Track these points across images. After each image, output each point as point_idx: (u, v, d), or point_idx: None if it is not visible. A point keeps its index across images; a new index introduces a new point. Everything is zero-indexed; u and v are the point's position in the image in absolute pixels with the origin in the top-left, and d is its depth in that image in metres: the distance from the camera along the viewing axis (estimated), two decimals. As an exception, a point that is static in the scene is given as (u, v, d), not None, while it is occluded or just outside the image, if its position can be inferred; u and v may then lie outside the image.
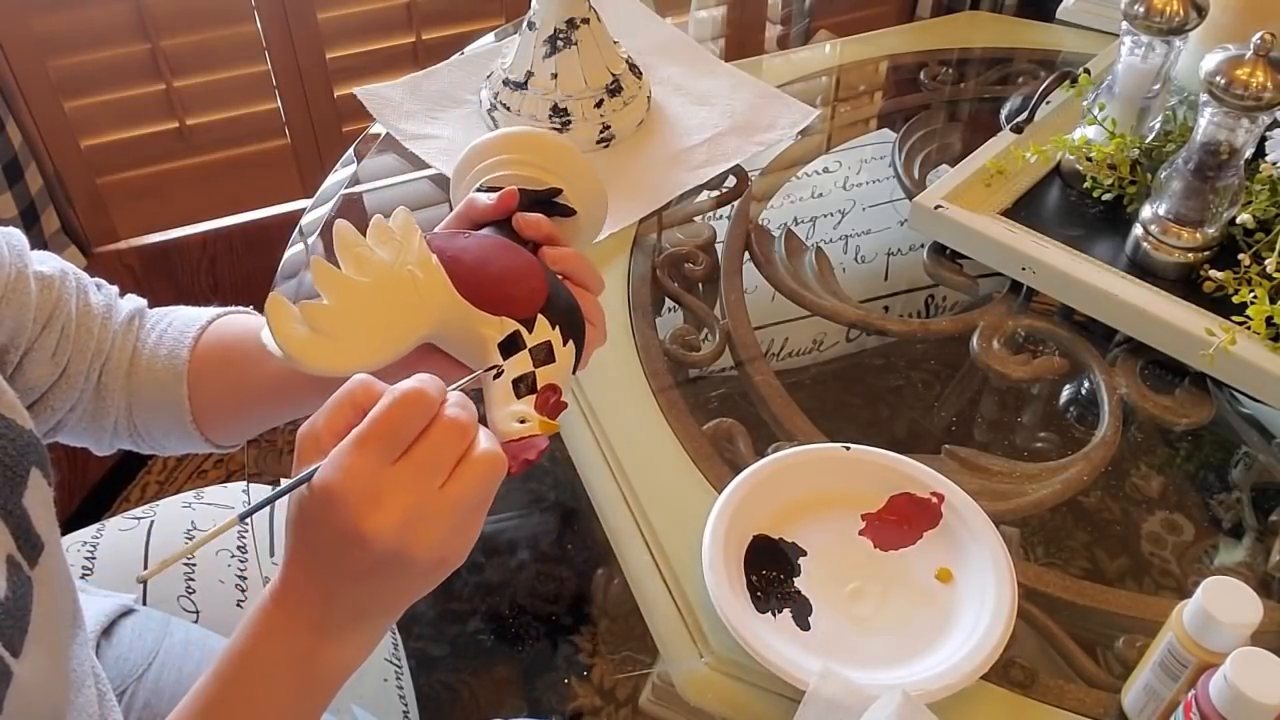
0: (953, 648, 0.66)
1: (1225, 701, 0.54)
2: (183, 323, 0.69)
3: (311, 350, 0.52)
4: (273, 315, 0.52)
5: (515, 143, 0.65)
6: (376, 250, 0.55)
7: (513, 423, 0.55)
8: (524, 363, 0.56)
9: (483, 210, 0.62)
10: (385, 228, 0.56)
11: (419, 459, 0.46)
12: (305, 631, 0.49)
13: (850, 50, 1.24)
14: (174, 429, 0.69)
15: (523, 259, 0.59)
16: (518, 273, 0.58)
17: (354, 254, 0.54)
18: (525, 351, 0.56)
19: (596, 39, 1.04)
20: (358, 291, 0.53)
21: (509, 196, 0.62)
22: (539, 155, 0.64)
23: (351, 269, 0.54)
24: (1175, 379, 0.85)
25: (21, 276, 0.62)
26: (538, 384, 0.56)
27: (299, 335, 0.52)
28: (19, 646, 0.52)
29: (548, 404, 0.56)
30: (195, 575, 0.86)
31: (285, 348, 0.52)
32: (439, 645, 0.72)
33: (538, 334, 0.57)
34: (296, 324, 0.52)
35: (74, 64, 1.45)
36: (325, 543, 0.46)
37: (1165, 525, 0.77)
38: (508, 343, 0.56)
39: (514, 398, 0.56)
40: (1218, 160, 0.84)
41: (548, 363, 0.57)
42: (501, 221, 0.62)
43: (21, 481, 0.54)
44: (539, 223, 0.62)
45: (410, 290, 0.55)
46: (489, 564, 0.75)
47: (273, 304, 0.52)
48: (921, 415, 0.86)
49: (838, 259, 0.98)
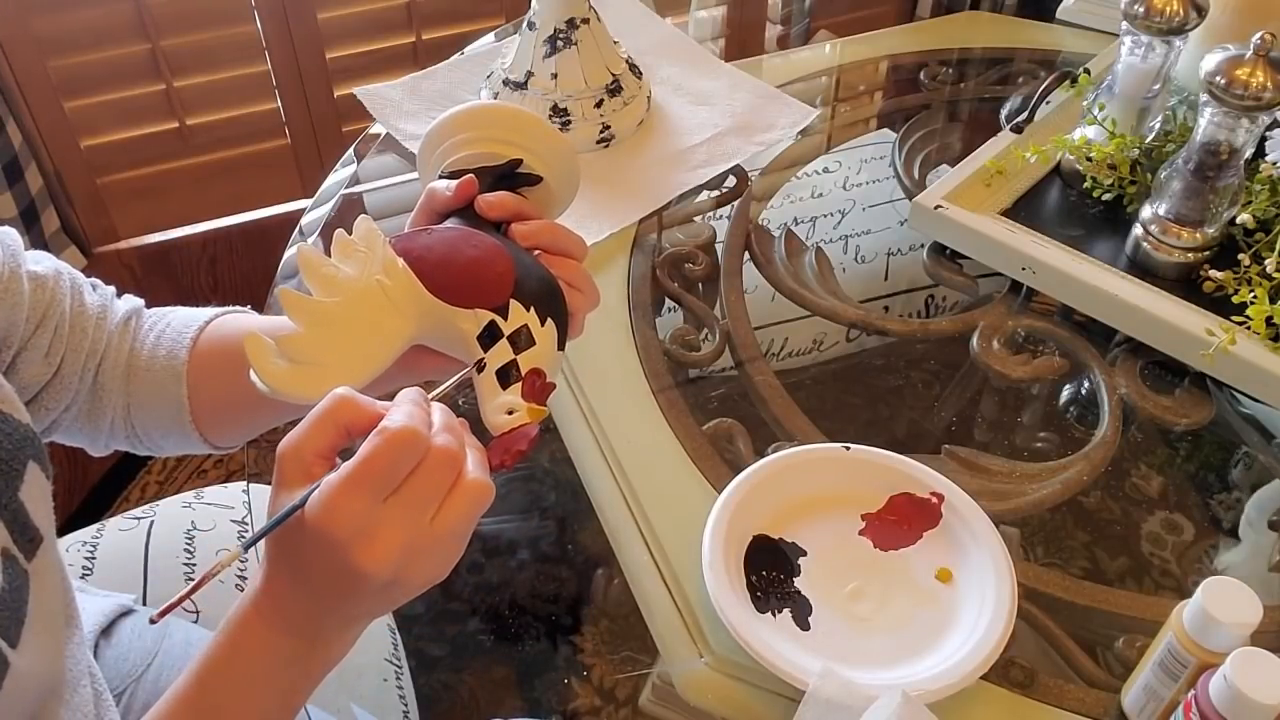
0: (953, 648, 0.66)
1: (1225, 701, 0.54)
2: (181, 323, 0.69)
3: (296, 381, 0.52)
4: (252, 354, 0.52)
5: (468, 119, 0.64)
6: (342, 267, 0.55)
7: (501, 415, 0.55)
8: (504, 352, 0.56)
9: (444, 201, 0.61)
10: (348, 242, 0.56)
11: (411, 496, 0.46)
12: (290, 638, 0.49)
13: (850, 50, 1.24)
14: (173, 430, 0.69)
15: (485, 246, 0.58)
16: (482, 262, 0.57)
17: (320, 276, 0.54)
18: (504, 340, 0.56)
19: (596, 39, 1.04)
20: (329, 314, 0.53)
21: (467, 184, 0.61)
22: (494, 128, 0.63)
23: (321, 291, 0.54)
24: (1175, 379, 0.85)
25: (14, 275, 0.62)
26: (521, 370, 0.56)
27: (281, 370, 0.52)
28: (16, 638, 0.52)
29: (534, 389, 0.56)
30: (195, 575, 0.86)
31: (270, 384, 0.52)
32: (439, 645, 0.72)
33: (513, 320, 0.56)
34: (275, 359, 0.52)
35: (74, 64, 1.45)
36: (318, 572, 0.47)
37: (1165, 525, 0.77)
38: (486, 334, 0.56)
39: (500, 389, 0.56)
40: (1218, 160, 0.84)
41: (528, 347, 0.56)
42: (466, 208, 0.61)
43: (18, 476, 0.54)
44: (502, 202, 0.61)
45: (382, 300, 0.55)
46: (489, 564, 0.75)
47: (250, 343, 0.52)
48: (921, 415, 0.86)
49: (838, 259, 0.98)
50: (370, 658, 0.75)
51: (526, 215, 0.62)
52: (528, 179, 0.64)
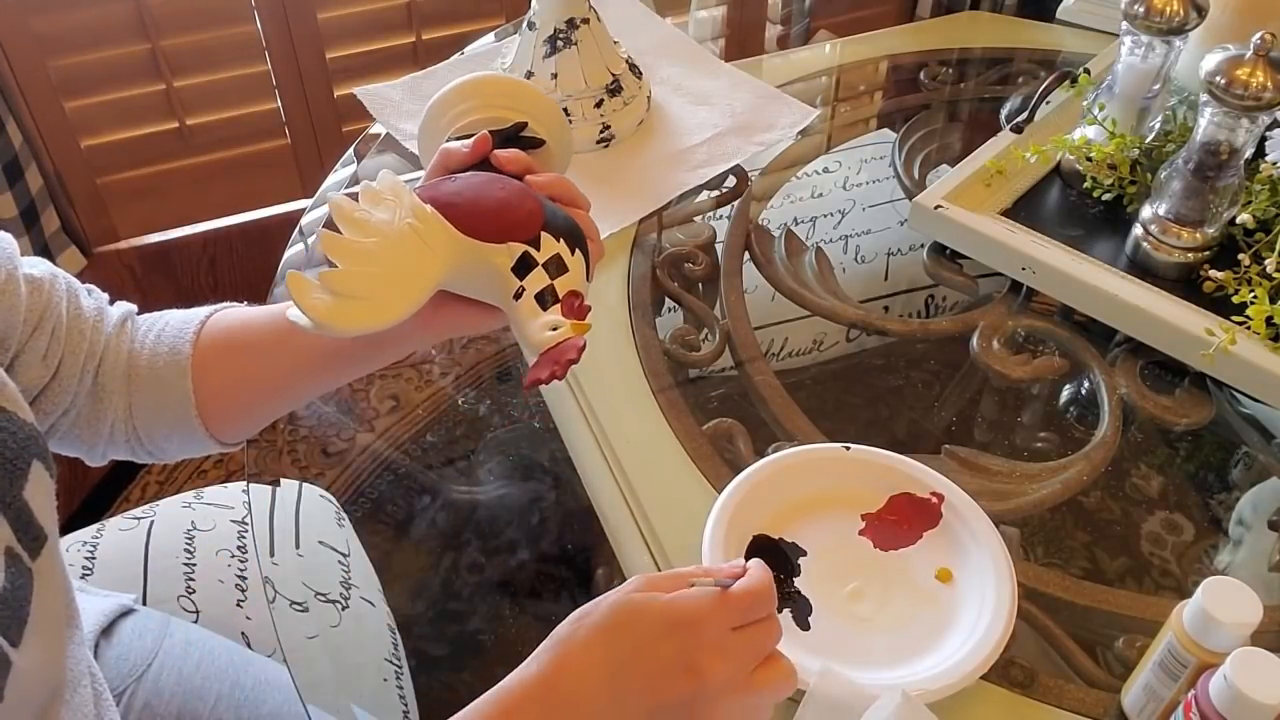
0: (953, 648, 0.66)
1: (1225, 701, 0.54)
2: (180, 321, 0.69)
3: (338, 314, 0.54)
4: (295, 290, 0.54)
5: (472, 89, 0.68)
6: (374, 212, 0.57)
7: (546, 332, 0.58)
8: (540, 278, 0.59)
9: (461, 158, 0.65)
10: (375, 191, 0.58)
11: (753, 637, 0.54)
12: None
13: (850, 50, 1.24)
14: (178, 427, 0.69)
15: (513, 186, 0.62)
16: (512, 200, 0.61)
17: (354, 220, 0.57)
18: (540, 268, 0.59)
19: (596, 39, 1.04)
20: (369, 251, 0.56)
21: (483, 140, 0.65)
22: (497, 96, 0.68)
23: (356, 234, 0.56)
24: (1175, 379, 0.85)
25: (11, 278, 0.62)
26: (558, 293, 0.59)
27: (324, 303, 0.54)
28: (18, 638, 0.52)
29: (574, 308, 0.59)
30: (195, 575, 0.86)
31: (313, 316, 0.54)
32: (439, 645, 0.72)
33: (545, 249, 0.60)
34: (318, 293, 0.54)
35: (74, 64, 1.45)
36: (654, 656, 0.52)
37: (1165, 525, 0.77)
38: (520, 265, 0.59)
39: (541, 311, 0.59)
40: (1218, 160, 0.84)
41: (562, 272, 0.60)
42: (479, 165, 0.65)
43: (22, 474, 0.54)
44: (516, 157, 0.65)
45: (415, 241, 0.57)
46: (489, 564, 0.75)
47: (292, 280, 0.54)
48: (921, 415, 0.86)
49: (838, 259, 0.98)
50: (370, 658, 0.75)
51: (536, 170, 0.66)
52: (532, 142, 0.68)
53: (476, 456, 0.82)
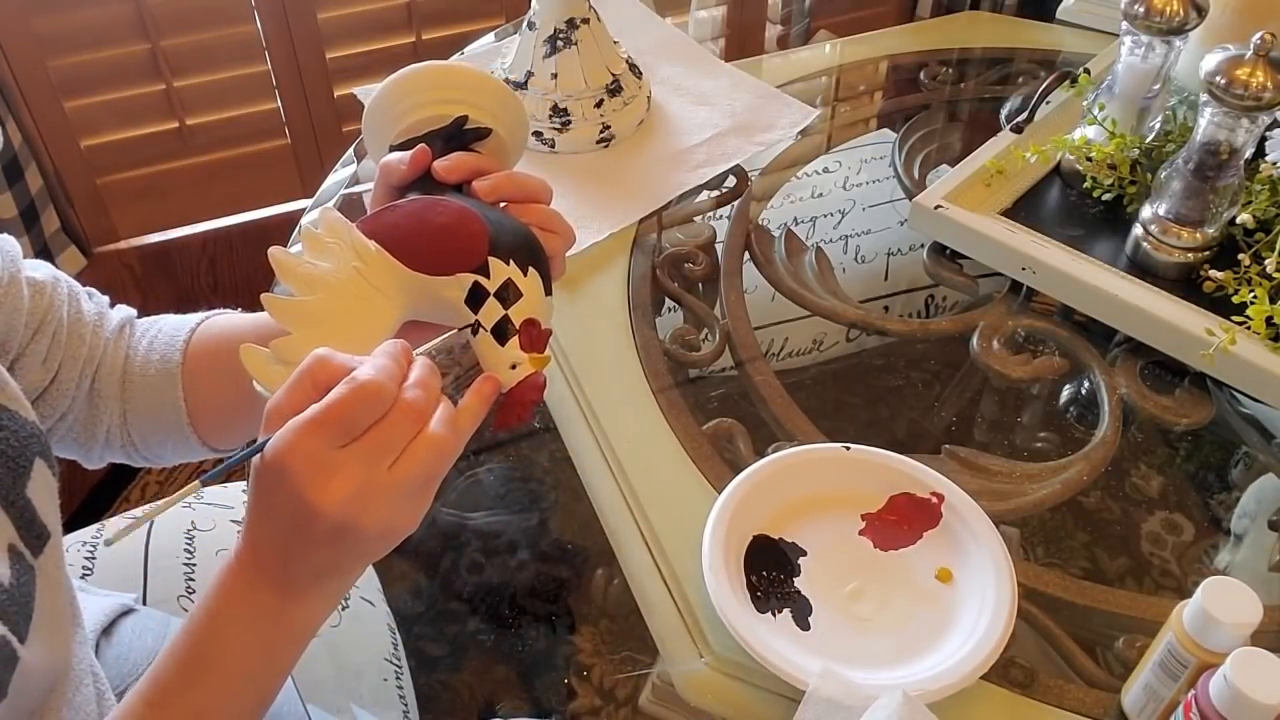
0: (953, 648, 0.66)
1: (1225, 701, 0.54)
2: (172, 328, 0.69)
3: None
4: (250, 365, 0.53)
5: (403, 86, 0.64)
6: (318, 263, 0.55)
7: (507, 371, 0.56)
8: (494, 310, 0.57)
9: (401, 174, 0.62)
10: (316, 237, 0.56)
11: (370, 444, 0.47)
12: (269, 590, 0.50)
13: (850, 50, 1.24)
14: (170, 434, 0.69)
15: (452, 211, 0.58)
16: (452, 225, 0.57)
17: (297, 276, 0.55)
18: (491, 298, 0.56)
19: (596, 39, 1.04)
20: (314, 311, 0.54)
21: (420, 154, 0.61)
22: (432, 90, 0.64)
23: (301, 290, 0.54)
24: (1175, 379, 0.85)
25: (14, 280, 0.62)
26: (515, 323, 0.57)
27: (280, 373, 0.52)
28: (24, 632, 0.52)
29: (532, 339, 0.57)
30: (195, 575, 0.86)
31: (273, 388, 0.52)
32: (439, 645, 0.72)
33: (495, 276, 0.57)
34: (273, 365, 0.53)
35: (74, 64, 1.45)
36: (281, 511, 0.48)
37: (1165, 525, 0.77)
38: (471, 296, 0.57)
39: (499, 346, 0.57)
40: (1218, 160, 0.84)
41: (517, 299, 0.57)
42: (424, 176, 0.62)
43: (25, 472, 0.55)
44: (459, 163, 0.61)
45: (363, 286, 0.55)
46: (489, 564, 0.75)
47: (245, 354, 0.53)
48: (921, 415, 0.86)
49: (838, 259, 0.98)
50: (370, 657, 0.75)
51: (484, 170, 0.62)
52: (477, 133, 0.64)
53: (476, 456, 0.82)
